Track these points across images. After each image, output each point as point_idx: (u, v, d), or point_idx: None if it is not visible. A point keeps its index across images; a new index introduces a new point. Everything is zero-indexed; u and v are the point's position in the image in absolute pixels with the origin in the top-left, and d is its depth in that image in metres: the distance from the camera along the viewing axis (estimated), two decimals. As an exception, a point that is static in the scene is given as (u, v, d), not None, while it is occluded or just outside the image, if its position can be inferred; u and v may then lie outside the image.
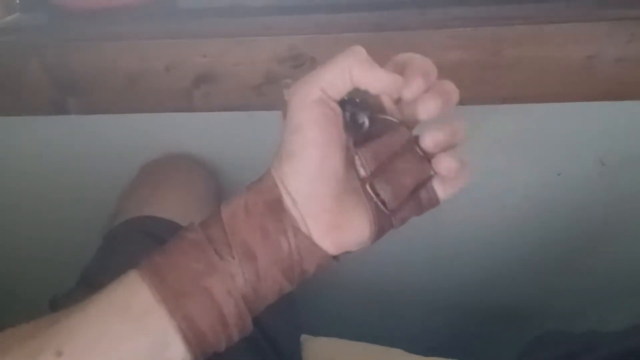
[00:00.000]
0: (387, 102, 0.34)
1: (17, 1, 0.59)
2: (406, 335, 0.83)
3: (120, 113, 0.54)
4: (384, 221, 0.33)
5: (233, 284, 0.30)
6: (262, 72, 0.49)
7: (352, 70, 0.30)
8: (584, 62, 0.45)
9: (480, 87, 0.48)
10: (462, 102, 0.48)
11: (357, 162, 0.32)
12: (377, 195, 0.32)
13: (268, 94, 0.50)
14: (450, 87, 0.32)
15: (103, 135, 0.66)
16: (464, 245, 0.71)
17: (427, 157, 0.32)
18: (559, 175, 0.62)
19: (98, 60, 0.50)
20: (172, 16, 0.49)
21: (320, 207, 0.31)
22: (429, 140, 0.32)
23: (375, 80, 0.30)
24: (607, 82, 0.45)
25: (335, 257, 0.33)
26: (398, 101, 0.34)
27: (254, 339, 0.49)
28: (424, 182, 0.33)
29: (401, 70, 0.32)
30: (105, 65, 0.50)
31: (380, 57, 0.47)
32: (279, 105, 0.51)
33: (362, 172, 0.32)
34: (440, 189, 0.33)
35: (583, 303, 0.75)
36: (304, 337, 0.59)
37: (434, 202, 0.33)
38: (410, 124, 0.34)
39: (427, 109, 0.31)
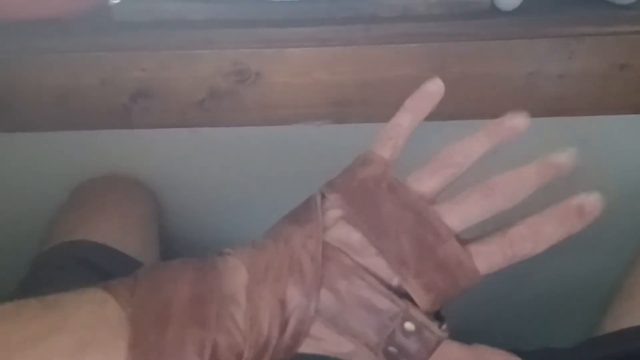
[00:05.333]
0: None
1: None
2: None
3: (50, 131, 0.51)
4: None
5: None
6: (205, 87, 0.47)
7: None
8: (526, 78, 0.46)
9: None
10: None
11: None
12: None
13: (211, 109, 0.48)
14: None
15: (32, 155, 0.62)
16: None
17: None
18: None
19: (24, 74, 0.47)
20: (107, 29, 0.47)
21: None
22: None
23: None
24: (549, 98, 0.46)
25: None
26: None
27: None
28: None
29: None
30: (32, 80, 0.47)
31: (328, 72, 0.46)
32: (223, 121, 0.50)
33: None
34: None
35: (530, 320, 0.76)
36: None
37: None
38: None
39: None
